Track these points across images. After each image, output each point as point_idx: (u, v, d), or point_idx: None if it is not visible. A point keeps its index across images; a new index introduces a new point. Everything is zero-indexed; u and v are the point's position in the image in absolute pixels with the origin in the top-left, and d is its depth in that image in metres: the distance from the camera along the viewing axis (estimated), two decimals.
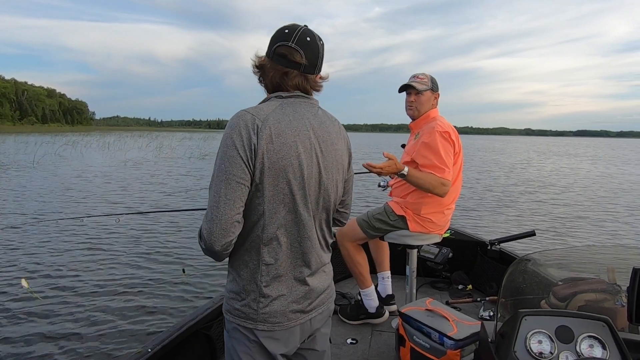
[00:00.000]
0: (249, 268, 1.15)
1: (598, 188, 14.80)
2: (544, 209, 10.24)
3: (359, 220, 2.58)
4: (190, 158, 24.17)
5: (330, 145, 1.22)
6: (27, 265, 5.25)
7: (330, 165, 1.22)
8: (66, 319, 3.89)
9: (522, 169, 22.19)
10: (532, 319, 1.32)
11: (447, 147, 2.31)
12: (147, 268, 5.31)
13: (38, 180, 13.18)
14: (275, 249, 1.14)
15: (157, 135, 62.57)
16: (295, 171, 1.13)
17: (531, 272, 1.76)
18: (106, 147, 31.94)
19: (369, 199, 10.51)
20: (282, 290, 1.17)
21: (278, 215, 1.13)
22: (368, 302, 2.69)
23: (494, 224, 8.39)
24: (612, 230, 8.30)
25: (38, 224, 7.08)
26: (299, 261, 1.19)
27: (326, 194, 1.22)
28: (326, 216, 1.26)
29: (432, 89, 2.47)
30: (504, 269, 1.66)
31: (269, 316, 1.15)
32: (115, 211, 8.47)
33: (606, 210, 10.37)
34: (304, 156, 1.14)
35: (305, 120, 1.18)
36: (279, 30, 1.19)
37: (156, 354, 1.81)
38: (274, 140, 1.10)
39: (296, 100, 1.19)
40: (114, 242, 6.35)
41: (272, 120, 1.11)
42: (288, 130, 1.13)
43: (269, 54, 1.20)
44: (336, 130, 1.27)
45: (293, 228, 1.16)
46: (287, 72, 1.18)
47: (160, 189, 12.05)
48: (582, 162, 29.77)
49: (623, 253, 2.08)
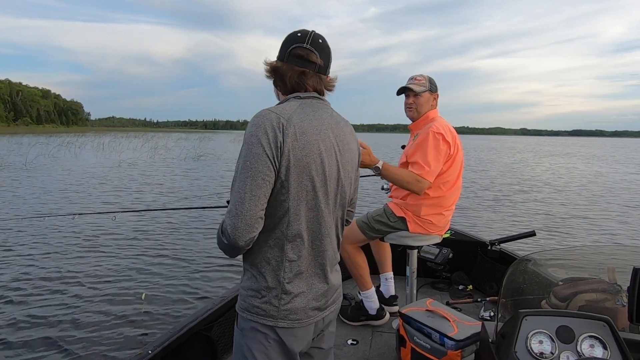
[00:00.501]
0: (271, 265, 1.16)
1: (598, 188, 14.81)
2: (544, 209, 10.25)
3: (359, 221, 2.58)
4: (185, 159, 23.91)
5: (346, 145, 1.27)
6: (23, 267, 5.25)
7: (347, 164, 1.27)
8: (65, 321, 3.88)
9: (518, 169, 22.21)
10: (532, 319, 1.32)
11: (437, 147, 2.30)
12: (147, 269, 5.30)
13: (29, 180, 13.04)
14: (299, 246, 1.17)
15: (153, 136, 61.60)
16: (318, 169, 1.16)
17: (531, 272, 1.76)
18: (101, 148, 31.44)
19: (368, 200, 10.51)
20: (303, 287, 1.19)
21: (301, 212, 1.15)
22: (368, 304, 2.68)
23: (491, 223, 8.39)
24: (612, 230, 8.31)
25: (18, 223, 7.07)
26: (319, 258, 1.22)
27: (343, 192, 1.26)
28: (342, 214, 1.30)
29: (431, 90, 2.47)
30: (504, 269, 1.67)
31: (290, 313, 1.17)
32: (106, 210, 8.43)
33: (606, 210, 10.38)
34: (325, 154, 1.18)
35: (324, 120, 1.22)
36: (291, 34, 1.24)
37: (156, 355, 1.80)
38: (299, 138, 1.13)
39: (313, 101, 1.23)
40: (112, 243, 6.34)
41: (295, 119, 1.15)
42: (310, 129, 1.16)
43: (283, 57, 1.24)
44: (349, 130, 1.32)
45: (315, 225, 1.19)
46: (305, 72, 1.22)
47: (156, 189, 12.00)
48: (580, 161, 29.81)
49: (623, 253, 2.08)
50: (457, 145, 2.41)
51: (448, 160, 2.37)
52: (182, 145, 39.58)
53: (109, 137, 52.26)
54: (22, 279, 4.85)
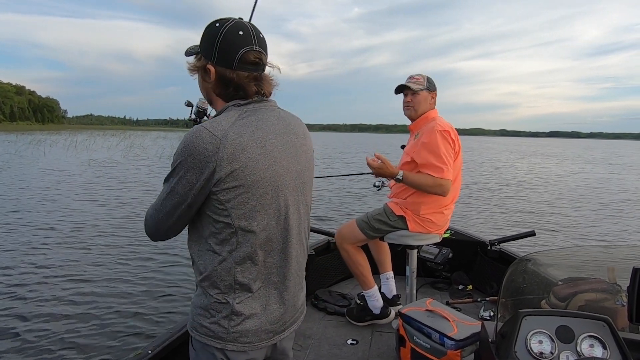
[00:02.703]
0: (220, 285, 1.08)
1: (598, 187, 14.82)
2: (544, 209, 10.25)
3: (359, 221, 2.59)
4: (160, 158, 22.46)
5: (299, 147, 1.17)
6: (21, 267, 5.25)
7: (303, 169, 1.18)
8: (65, 321, 3.87)
9: (508, 169, 22.21)
10: (532, 319, 1.32)
11: (447, 145, 2.32)
12: (147, 269, 5.30)
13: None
14: (249, 268, 1.08)
15: (131, 134, 59.10)
16: (267, 185, 1.06)
17: (531, 272, 1.76)
18: (73, 146, 29.73)
19: (367, 200, 10.51)
20: (256, 308, 1.11)
21: (252, 232, 1.07)
22: (372, 303, 2.69)
23: (490, 223, 8.40)
24: (611, 229, 8.32)
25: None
26: (276, 278, 1.14)
27: (303, 200, 1.18)
28: (307, 225, 1.22)
29: (429, 88, 2.49)
30: (504, 269, 1.66)
31: (241, 335, 1.09)
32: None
33: (606, 210, 10.39)
34: (273, 167, 1.08)
35: (271, 127, 1.10)
36: (230, 33, 1.06)
37: (156, 355, 1.80)
38: (239, 157, 1.02)
39: (256, 106, 1.11)
40: (110, 244, 6.34)
41: (232, 135, 1.02)
42: (252, 143, 1.04)
43: (230, 64, 1.07)
44: (302, 129, 1.21)
45: (269, 245, 1.10)
46: (258, 77, 1.11)
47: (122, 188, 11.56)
48: (570, 162, 29.80)
49: (623, 252, 2.08)
50: (459, 144, 2.43)
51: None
52: (160, 144, 37.56)
53: (84, 135, 50.08)
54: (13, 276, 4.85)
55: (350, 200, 10.94)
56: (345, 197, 11.37)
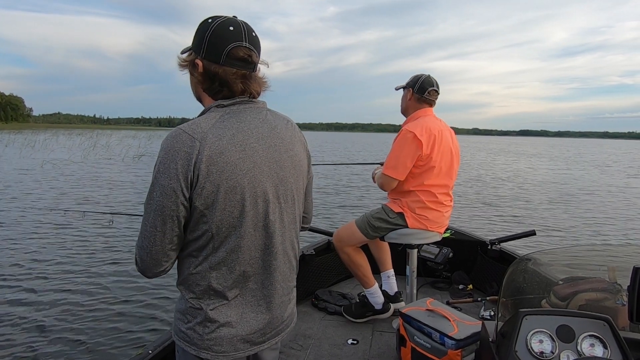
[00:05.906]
0: (196, 290, 1.07)
1: (597, 188, 14.82)
2: (543, 210, 10.25)
3: (358, 222, 2.59)
4: (124, 159, 21.19)
5: (284, 153, 1.12)
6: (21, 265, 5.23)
7: (289, 175, 1.12)
8: (65, 321, 3.87)
9: (498, 166, 22.22)
10: (532, 318, 1.31)
11: (403, 146, 2.37)
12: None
13: None
14: (224, 275, 1.06)
15: (98, 133, 55.40)
16: (244, 191, 1.02)
17: (532, 271, 1.75)
18: (32, 145, 27.82)
19: (366, 200, 10.52)
20: (232, 316, 1.08)
21: (229, 239, 1.04)
22: (374, 300, 2.71)
23: (490, 223, 8.39)
24: (611, 229, 8.31)
25: None
26: (253, 286, 1.10)
27: (288, 209, 1.14)
28: (294, 231, 1.18)
29: (409, 86, 2.55)
30: (505, 269, 1.66)
31: (214, 343, 1.07)
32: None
33: (605, 210, 10.39)
34: (252, 173, 1.04)
35: (253, 130, 1.06)
36: (220, 28, 1.04)
37: (156, 355, 1.80)
38: (216, 161, 0.99)
39: (240, 107, 1.07)
40: (109, 244, 6.34)
41: (211, 138, 0.99)
42: (230, 147, 1.01)
43: (218, 59, 1.04)
44: (290, 133, 1.16)
45: (246, 252, 1.06)
46: (246, 75, 1.07)
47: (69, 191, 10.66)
48: (562, 162, 29.76)
49: (623, 252, 2.08)
50: (435, 145, 2.38)
51: (423, 159, 2.37)
52: (127, 143, 34.98)
53: (48, 134, 47.31)
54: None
55: (349, 197, 10.93)
56: (343, 192, 11.36)
